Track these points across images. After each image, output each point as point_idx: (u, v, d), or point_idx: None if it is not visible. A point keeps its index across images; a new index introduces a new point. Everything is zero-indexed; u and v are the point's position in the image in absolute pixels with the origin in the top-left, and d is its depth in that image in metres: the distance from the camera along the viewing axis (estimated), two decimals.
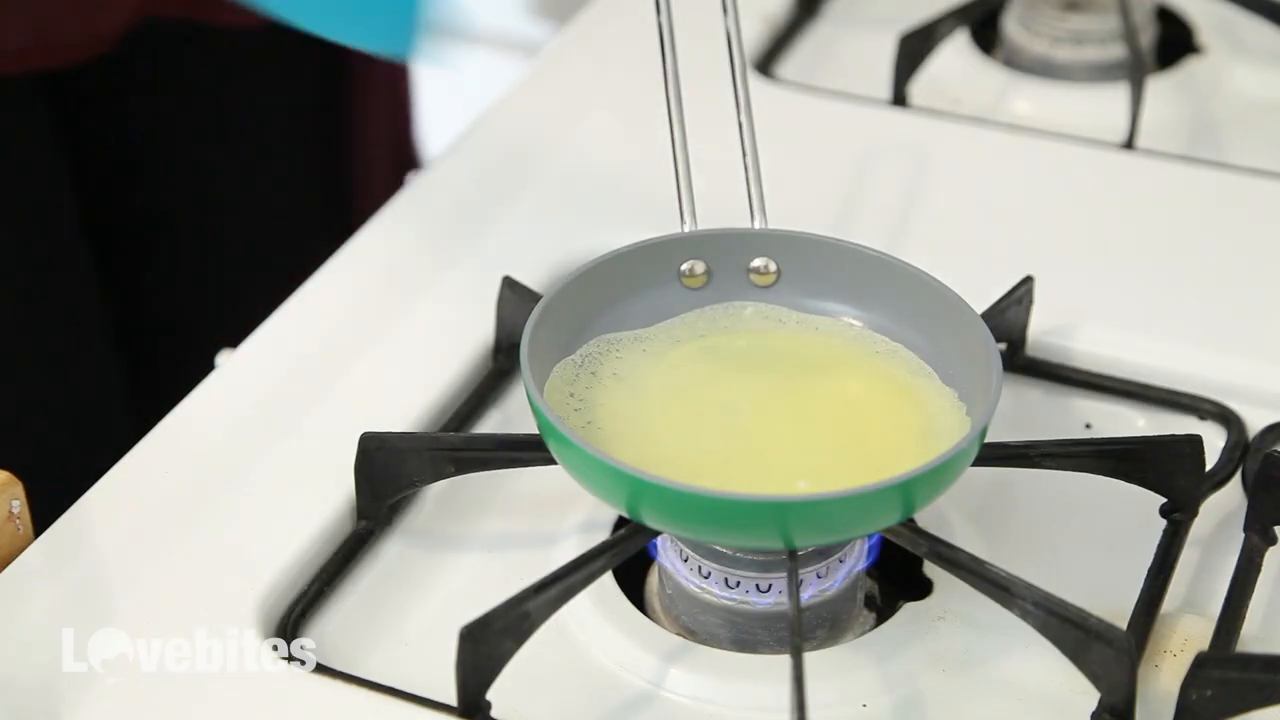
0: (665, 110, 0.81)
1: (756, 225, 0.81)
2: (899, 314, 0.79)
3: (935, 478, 0.70)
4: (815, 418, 0.76)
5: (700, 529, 0.72)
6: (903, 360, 0.79)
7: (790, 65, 1.15)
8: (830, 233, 0.83)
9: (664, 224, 0.82)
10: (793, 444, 0.75)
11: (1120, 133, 1.06)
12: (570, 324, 0.78)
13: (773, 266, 0.81)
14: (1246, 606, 0.76)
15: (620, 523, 0.79)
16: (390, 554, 0.80)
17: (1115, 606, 0.75)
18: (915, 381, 0.78)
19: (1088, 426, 0.88)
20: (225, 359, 0.89)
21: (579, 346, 0.79)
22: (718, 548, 0.74)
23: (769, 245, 0.81)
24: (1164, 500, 0.80)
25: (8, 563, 0.77)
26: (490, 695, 0.70)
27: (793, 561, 0.72)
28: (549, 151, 1.06)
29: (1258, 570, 0.77)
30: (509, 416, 0.87)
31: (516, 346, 0.75)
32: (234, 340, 0.90)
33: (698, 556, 0.75)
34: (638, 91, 1.09)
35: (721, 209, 0.82)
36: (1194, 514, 0.80)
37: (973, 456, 0.72)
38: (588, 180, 1.03)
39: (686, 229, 0.81)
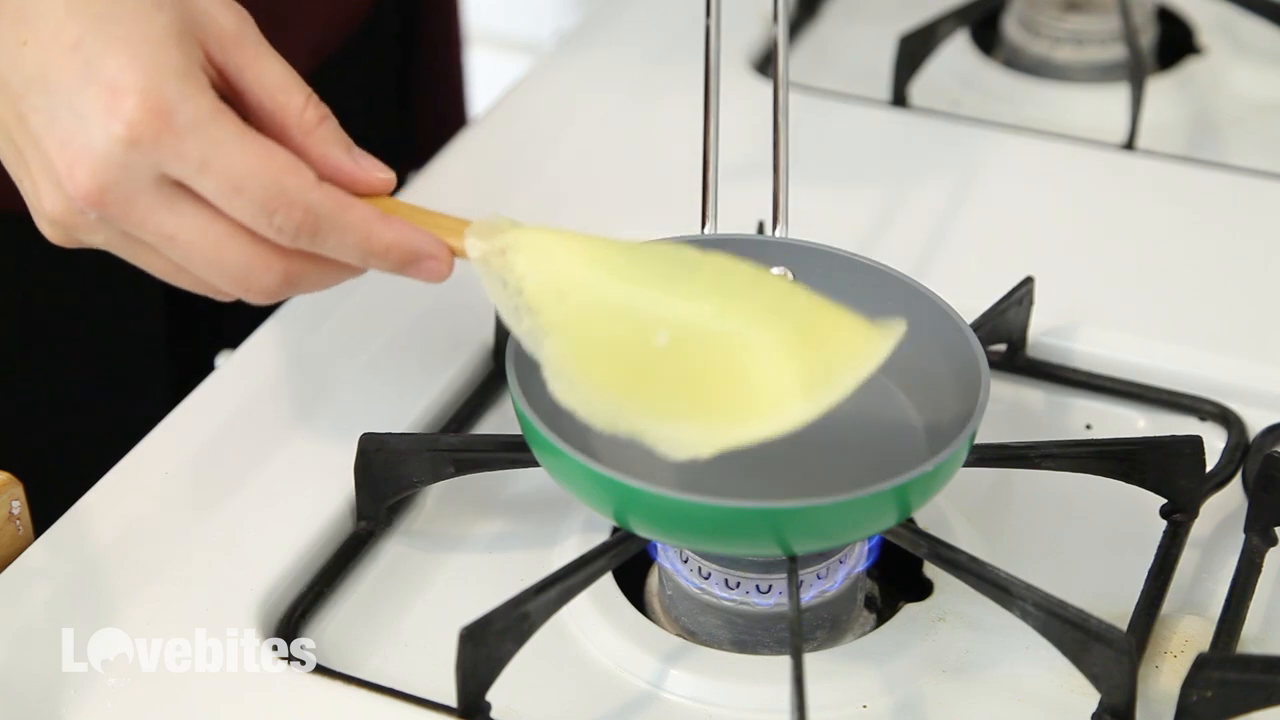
0: (667, 111, 0.81)
1: (778, 234, 0.81)
2: (910, 337, 0.78)
3: (927, 481, 0.70)
4: None
5: (691, 537, 0.72)
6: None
7: (790, 65, 1.15)
8: (828, 233, 0.83)
9: (664, 225, 0.82)
10: None
11: (1120, 133, 1.06)
12: None
13: (790, 277, 0.80)
14: (1247, 608, 0.76)
15: None
16: (390, 554, 0.80)
17: (1115, 607, 0.75)
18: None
19: (1088, 427, 0.88)
20: (225, 359, 0.89)
21: None
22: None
23: (789, 255, 0.80)
24: (1164, 501, 0.80)
25: (8, 563, 0.77)
26: (490, 695, 0.70)
27: (793, 563, 0.72)
28: (549, 151, 1.05)
29: (1258, 571, 0.77)
30: (509, 417, 0.87)
31: None
32: (233, 340, 0.90)
33: (698, 557, 0.75)
34: (638, 91, 1.10)
35: (724, 211, 0.82)
36: (1194, 515, 0.80)
37: (963, 459, 0.72)
38: (588, 181, 1.02)
39: (707, 231, 0.81)
